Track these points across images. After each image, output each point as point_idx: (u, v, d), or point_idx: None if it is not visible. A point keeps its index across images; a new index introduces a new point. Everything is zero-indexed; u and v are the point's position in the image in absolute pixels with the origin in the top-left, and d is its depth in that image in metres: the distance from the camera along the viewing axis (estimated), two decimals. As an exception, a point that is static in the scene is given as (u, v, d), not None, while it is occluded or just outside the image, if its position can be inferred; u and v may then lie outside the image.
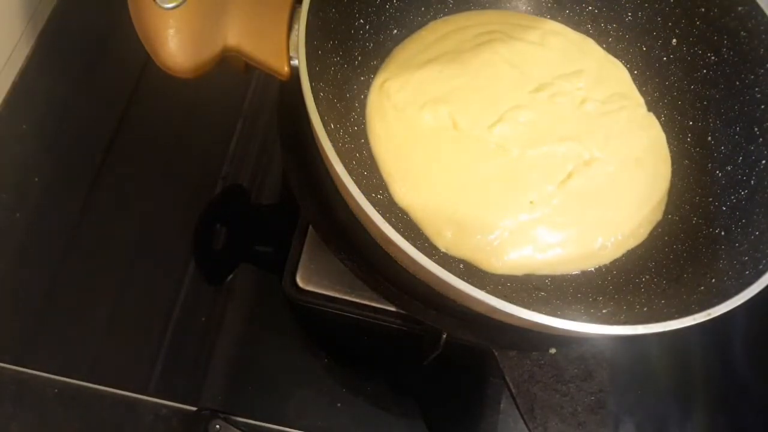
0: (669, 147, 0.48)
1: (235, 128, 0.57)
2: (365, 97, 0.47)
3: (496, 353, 0.38)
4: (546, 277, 0.42)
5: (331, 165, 0.34)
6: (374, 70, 0.48)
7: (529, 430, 0.37)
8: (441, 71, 0.47)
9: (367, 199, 0.33)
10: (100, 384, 0.46)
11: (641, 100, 0.49)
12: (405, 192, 0.43)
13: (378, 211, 0.33)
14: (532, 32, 0.51)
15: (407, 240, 0.32)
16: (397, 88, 0.46)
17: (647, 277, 0.42)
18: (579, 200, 0.44)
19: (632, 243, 0.44)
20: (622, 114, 0.48)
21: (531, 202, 0.43)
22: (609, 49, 0.51)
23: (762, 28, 0.43)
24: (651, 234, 0.45)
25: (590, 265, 0.43)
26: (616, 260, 0.44)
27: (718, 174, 0.45)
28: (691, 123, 0.48)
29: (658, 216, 0.45)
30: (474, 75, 0.47)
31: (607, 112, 0.48)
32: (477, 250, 0.42)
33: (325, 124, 0.34)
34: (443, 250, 0.42)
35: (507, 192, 0.44)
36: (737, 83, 0.45)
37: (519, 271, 0.42)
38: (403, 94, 0.46)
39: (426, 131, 0.45)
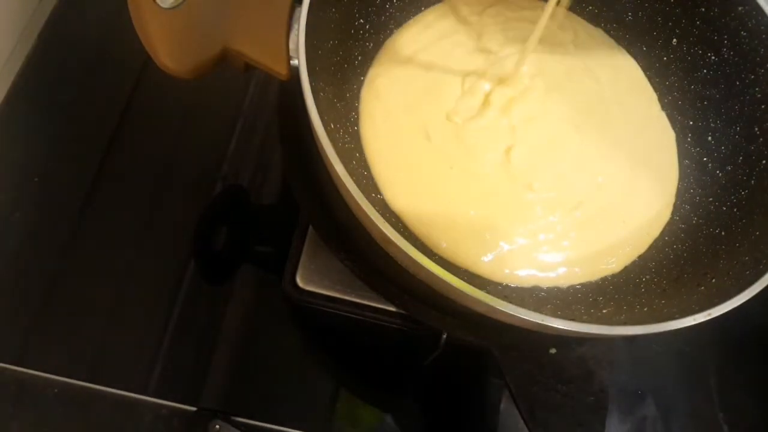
0: (669, 147, 0.48)
1: (235, 128, 0.57)
2: (364, 96, 0.46)
3: (496, 353, 0.38)
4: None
5: (331, 165, 0.34)
6: (374, 70, 0.48)
7: (529, 430, 0.37)
8: (427, 68, 0.46)
9: (367, 199, 0.33)
10: (100, 384, 0.46)
11: (654, 96, 0.49)
12: (396, 197, 0.42)
13: (378, 212, 0.33)
14: (530, 13, 0.50)
15: (407, 240, 0.32)
16: (386, 87, 0.45)
17: (647, 277, 0.42)
18: (585, 224, 0.43)
19: (638, 252, 0.43)
20: (637, 114, 0.47)
21: (532, 229, 0.42)
22: (609, 49, 0.51)
23: (762, 28, 0.43)
24: (651, 235, 0.45)
25: (595, 278, 0.42)
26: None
27: (718, 174, 0.45)
28: (691, 123, 0.48)
29: (665, 220, 0.45)
30: (456, 71, 0.46)
31: (623, 112, 0.47)
32: (474, 264, 0.41)
33: (325, 124, 0.34)
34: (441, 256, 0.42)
35: (505, 213, 0.42)
36: (737, 83, 0.45)
37: (520, 284, 0.41)
38: (391, 93, 0.45)
39: (411, 138, 0.44)
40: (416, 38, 0.48)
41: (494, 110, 0.44)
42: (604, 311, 0.40)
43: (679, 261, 0.42)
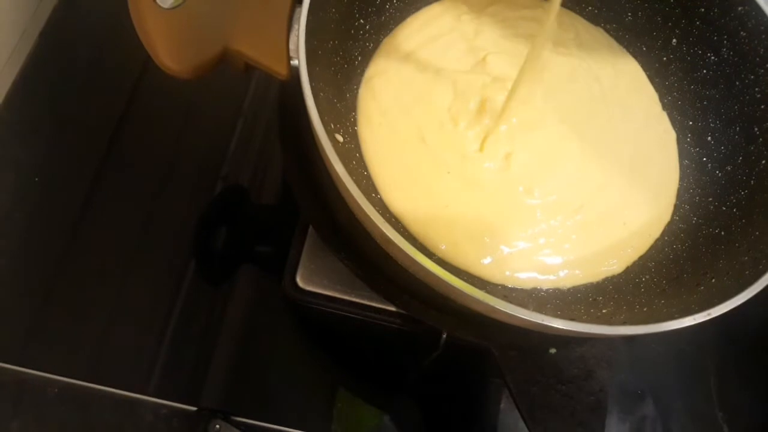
0: (669, 147, 0.48)
1: (235, 128, 0.57)
2: (365, 97, 0.46)
3: (496, 353, 0.38)
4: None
5: (331, 165, 0.34)
6: (374, 71, 0.48)
7: (529, 430, 0.37)
8: (422, 68, 0.46)
9: (367, 199, 0.33)
10: (100, 384, 0.46)
11: (656, 96, 0.49)
12: (394, 198, 0.42)
13: (378, 212, 0.33)
14: (530, 12, 0.49)
15: (407, 240, 0.32)
16: (382, 87, 0.45)
17: (647, 277, 0.42)
18: (587, 227, 0.42)
19: (639, 253, 0.43)
20: (638, 114, 0.47)
21: (532, 233, 0.41)
22: (609, 49, 0.51)
23: (762, 28, 0.43)
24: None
25: (596, 279, 0.42)
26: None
27: (717, 174, 0.45)
28: (691, 123, 0.48)
29: (666, 220, 0.45)
30: (451, 71, 0.45)
31: (625, 113, 0.46)
32: (473, 266, 0.41)
33: (325, 124, 0.34)
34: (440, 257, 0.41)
35: (505, 217, 0.42)
36: (737, 83, 0.45)
37: (520, 285, 0.41)
38: (387, 94, 0.45)
39: (408, 140, 0.43)
40: (413, 37, 0.48)
41: (491, 117, 0.44)
42: (604, 311, 0.40)
43: (678, 261, 0.42)
